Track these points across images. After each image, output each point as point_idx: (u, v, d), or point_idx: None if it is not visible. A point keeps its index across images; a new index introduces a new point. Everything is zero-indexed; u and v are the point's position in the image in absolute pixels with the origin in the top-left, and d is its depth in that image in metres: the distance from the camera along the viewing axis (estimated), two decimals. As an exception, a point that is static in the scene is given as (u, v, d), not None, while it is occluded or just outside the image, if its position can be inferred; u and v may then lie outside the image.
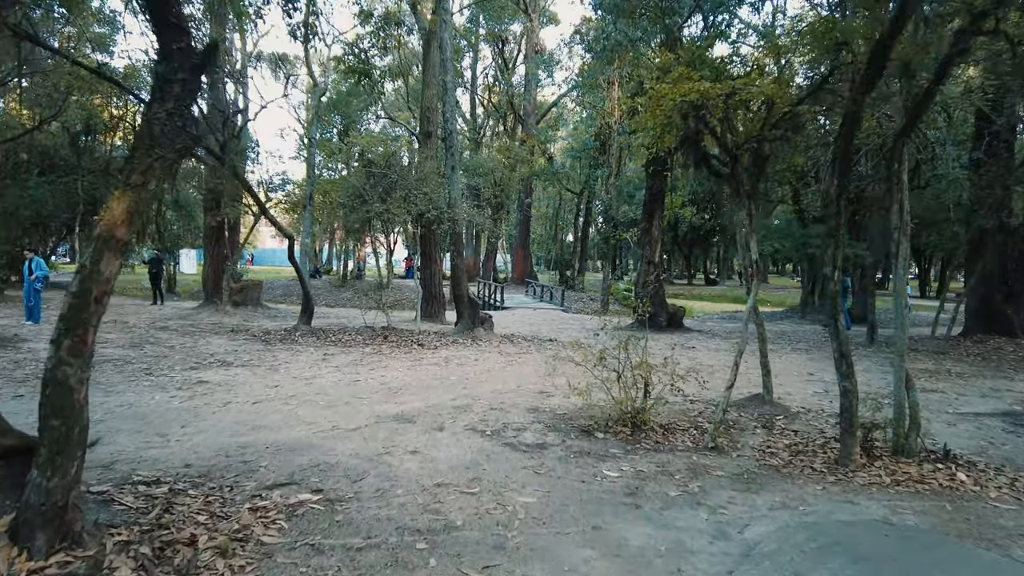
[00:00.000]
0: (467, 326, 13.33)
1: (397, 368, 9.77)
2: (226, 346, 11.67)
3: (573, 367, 7.34)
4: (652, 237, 16.21)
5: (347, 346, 11.97)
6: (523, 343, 13.07)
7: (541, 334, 15.14)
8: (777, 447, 6.02)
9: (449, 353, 11.38)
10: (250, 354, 10.82)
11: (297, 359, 10.41)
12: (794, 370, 11.20)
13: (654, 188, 16.07)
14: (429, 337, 13.00)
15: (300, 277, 13.41)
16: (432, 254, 16.36)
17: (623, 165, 24.92)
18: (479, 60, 40.83)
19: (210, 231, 18.31)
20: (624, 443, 5.95)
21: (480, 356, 11.16)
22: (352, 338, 12.77)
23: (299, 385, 8.31)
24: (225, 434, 5.94)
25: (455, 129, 13.37)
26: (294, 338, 12.78)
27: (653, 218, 16.13)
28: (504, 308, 23.17)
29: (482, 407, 7.24)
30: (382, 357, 10.82)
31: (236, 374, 8.97)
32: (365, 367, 9.79)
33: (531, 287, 30.47)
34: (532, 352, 11.85)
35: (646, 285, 16.43)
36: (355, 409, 7.02)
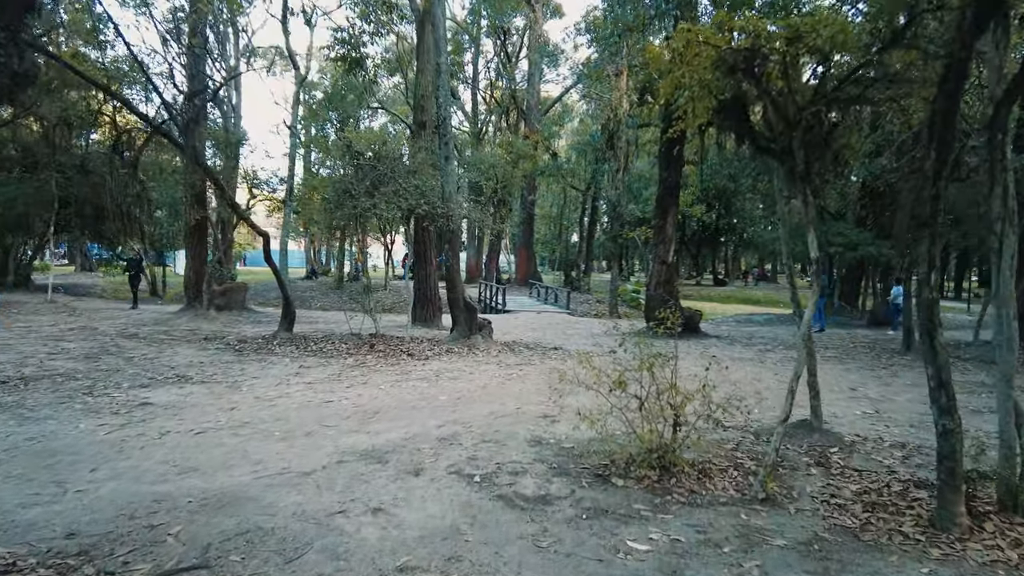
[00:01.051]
0: (463, 333, 12.06)
1: (379, 384, 8.50)
2: (192, 357, 10.43)
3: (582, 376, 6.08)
4: (666, 235, 14.90)
5: (327, 357, 10.71)
6: (525, 352, 11.78)
7: (545, 341, 13.86)
8: (844, 496, 4.73)
9: (441, 365, 10.10)
10: (215, 367, 9.57)
11: (267, 373, 9.15)
12: (832, 383, 9.87)
13: (668, 181, 14.76)
14: (421, 346, 11.74)
15: (278, 279, 12.17)
16: (426, 254, 15.11)
17: (631, 160, 23.63)
18: (481, 55, 39.59)
19: (191, 230, 17.08)
20: (650, 493, 4.66)
21: (476, 369, 9.88)
22: (335, 347, 11.51)
23: (259, 408, 7.05)
24: (144, 480, 4.69)
25: (449, 115, 12.11)
26: (271, 347, 11.53)
27: (667, 214, 14.83)
28: (506, 311, 21.88)
29: (473, 438, 5.96)
30: (364, 370, 9.56)
31: (190, 394, 7.71)
32: (342, 383, 8.52)
33: (535, 288, 29.19)
34: (535, 363, 10.56)
35: (659, 287, 15.12)
36: (316, 442, 5.74)
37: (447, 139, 11.83)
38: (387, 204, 11.61)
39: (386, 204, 11.58)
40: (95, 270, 36.39)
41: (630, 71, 20.45)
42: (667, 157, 14.86)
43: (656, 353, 5.45)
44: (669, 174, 14.78)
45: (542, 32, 31.72)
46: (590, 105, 26.70)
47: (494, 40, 34.78)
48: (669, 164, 14.82)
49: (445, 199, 11.68)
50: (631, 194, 24.35)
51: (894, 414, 7.68)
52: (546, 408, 7.19)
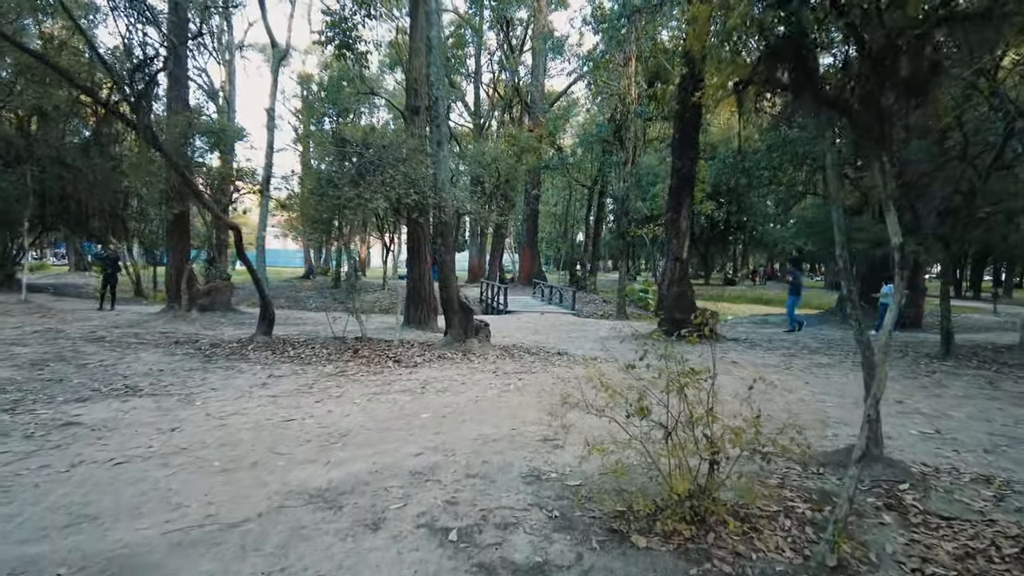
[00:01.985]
0: (458, 336, 10.91)
1: (354, 398, 7.36)
2: (154, 364, 9.32)
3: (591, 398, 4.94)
4: (679, 229, 13.72)
5: (304, 364, 9.58)
6: (526, 358, 10.63)
7: (549, 345, 12.70)
8: (940, 560, 3.56)
9: (429, 374, 8.96)
10: (174, 376, 8.46)
11: (229, 384, 8.03)
12: (874, 396, 8.67)
13: (682, 171, 13.58)
14: (410, 351, 10.60)
15: (254, 278, 11.05)
16: (420, 250, 13.98)
17: (639, 154, 22.44)
18: (483, 50, 38.44)
19: (171, 224, 15.99)
20: (683, 558, 3.50)
21: (468, 378, 8.72)
22: (314, 353, 10.38)
23: (205, 429, 5.92)
24: (13, 537, 3.57)
25: (443, 96, 10.96)
26: (243, 352, 10.41)
27: (681, 207, 13.64)
28: (508, 312, 20.73)
29: (455, 471, 4.82)
30: (341, 380, 8.42)
31: (132, 409, 6.59)
32: (312, 397, 7.39)
33: (539, 288, 28.01)
34: (536, 371, 9.40)
35: (672, 285, 13.94)
36: (260, 477, 4.62)
37: (439, 122, 10.69)
38: (372, 194, 10.49)
39: (371, 194, 10.46)
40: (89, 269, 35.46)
41: (639, 58, 19.27)
42: (681, 144, 13.68)
43: (688, 370, 4.26)
44: (683, 163, 13.59)
45: (547, 23, 30.54)
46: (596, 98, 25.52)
47: (497, 32, 33.66)
48: (683, 152, 13.64)
49: (437, 188, 10.55)
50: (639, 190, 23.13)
51: (959, 435, 6.48)
52: (548, 429, 6.04)
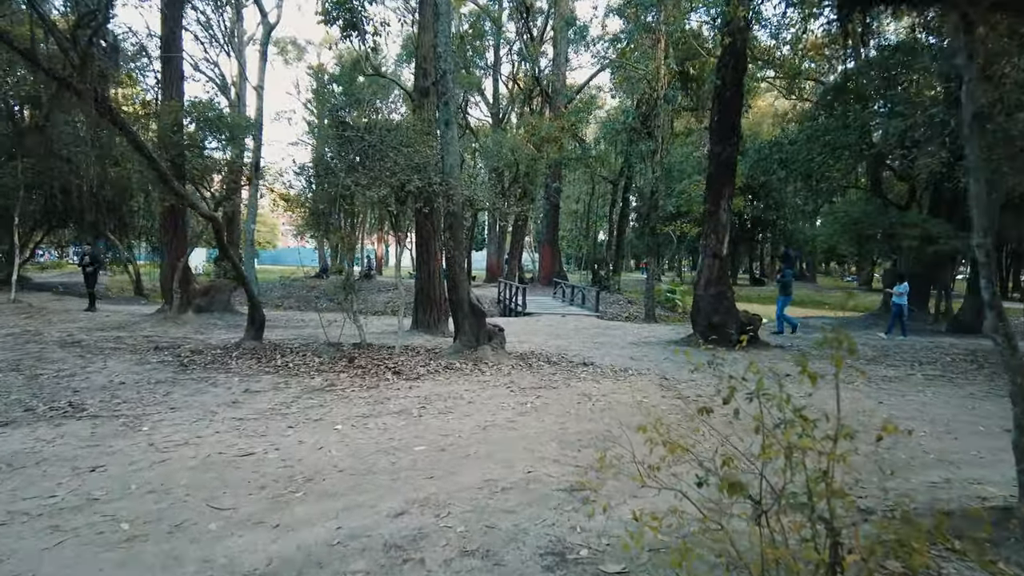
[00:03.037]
0: (468, 343, 9.57)
1: (337, 422, 6.04)
2: (118, 375, 8.11)
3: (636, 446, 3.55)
4: (719, 223, 12.23)
5: (289, 374, 8.30)
6: (545, 369, 9.24)
7: (571, 352, 11.30)
8: None
9: (432, 389, 7.62)
10: (134, 391, 7.23)
11: (194, 402, 6.76)
12: (966, 418, 7.18)
13: (722, 157, 12.08)
14: (413, 360, 9.27)
15: (239, 275, 9.81)
16: (429, 246, 12.67)
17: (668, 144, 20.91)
18: (502, 40, 37.04)
19: (163, 218, 14.87)
20: None
21: (477, 395, 7.37)
22: (304, 361, 9.11)
23: (137, 468, 4.65)
24: None
25: (451, 70, 9.61)
26: (226, 360, 9.17)
27: (720, 198, 12.15)
28: (526, 314, 19.33)
29: (447, 546, 3.46)
30: (329, 397, 7.11)
31: (58, 438, 5.35)
32: (286, 420, 6.08)
33: (559, 288, 26.56)
34: (558, 386, 8.02)
35: (710, 286, 12.47)
36: (175, 552, 3.32)
37: (448, 98, 9.35)
38: (372, 181, 9.19)
39: (369, 181, 9.16)
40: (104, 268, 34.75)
41: (669, 39, 17.79)
42: (720, 127, 12.20)
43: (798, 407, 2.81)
44: (723, 148, 12.10)
45: (570, 8, 29.07)
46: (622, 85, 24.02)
47: (517, 19, 32.26)
48: (723, 136, 12.15)
49: (445, 174, 9.22)
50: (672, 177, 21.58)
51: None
52: (574, 471, 4.67)
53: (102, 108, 6.81)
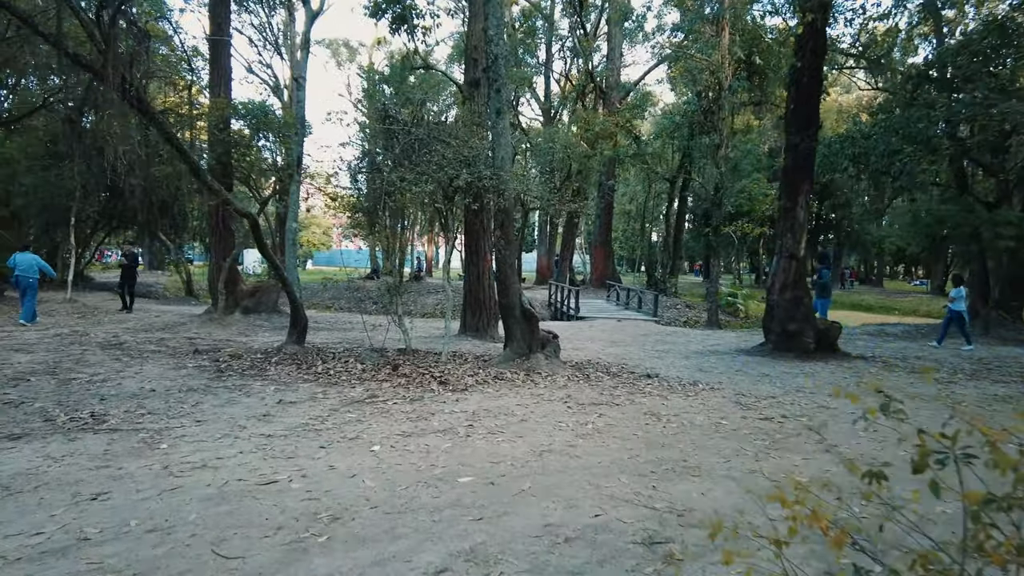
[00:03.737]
0: (519, 351, 8.81)
1: (375, 441, 5.37)
2: (152, 380, 7.69)
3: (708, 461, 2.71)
4: (795, 221, 11.14)
5: (329, 383, 7.71)
6: (605, 381, 8.40)
7: (631, 361, 10.42)
8: None
9: (481, 403, 6.88)
10: (165, 399, 6.75)
11: (222, 414, 6.21)
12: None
13: (800, 148, 10.98)
14: (461, 368, 8.57)
15: (280, 277, 9.29)
16: (479, 245, 11.99)
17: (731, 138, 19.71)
18: (554, 37, 36.23)
19: (211, 218, 14.66)
20: None
21: (531, 411, 6.59)
22: (346, 368, 8.52)
23: (144, 496, 4.06)
24: None
25: (503, 54, 8.87)
26: (265, 366, 8.68)
27: (797, 193, 11.06)
28: (579, 318, 18.45)
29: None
30: (368, 410, 6.46)
31: (69, 455, 4.84)
32: (319, 438, 5.44)
33: (613, 291, 25.54)
34: (621, 402, 7.17)
35: (785, 290, 11.38)
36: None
37: (499, 85, 8.62)
38: (418, 176, 8.55)
39: (415, 176, 8.52)
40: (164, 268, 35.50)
41: (733, 26, 16.66)
42: (797, 116, 11.11)
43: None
44: (801, 139, 11.00)
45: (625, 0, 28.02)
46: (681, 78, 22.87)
47: (570, 14, 31.40)
48: (800, 125, 11.05)
49: (496, 167, 8.49)
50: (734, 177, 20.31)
51: None
52: (651, 514, 3.85)
53: (128, 95, 6.36)
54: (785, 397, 7.86)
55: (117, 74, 5.89)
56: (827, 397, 7.94)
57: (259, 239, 8.46)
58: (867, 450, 5.52)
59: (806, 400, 7.72)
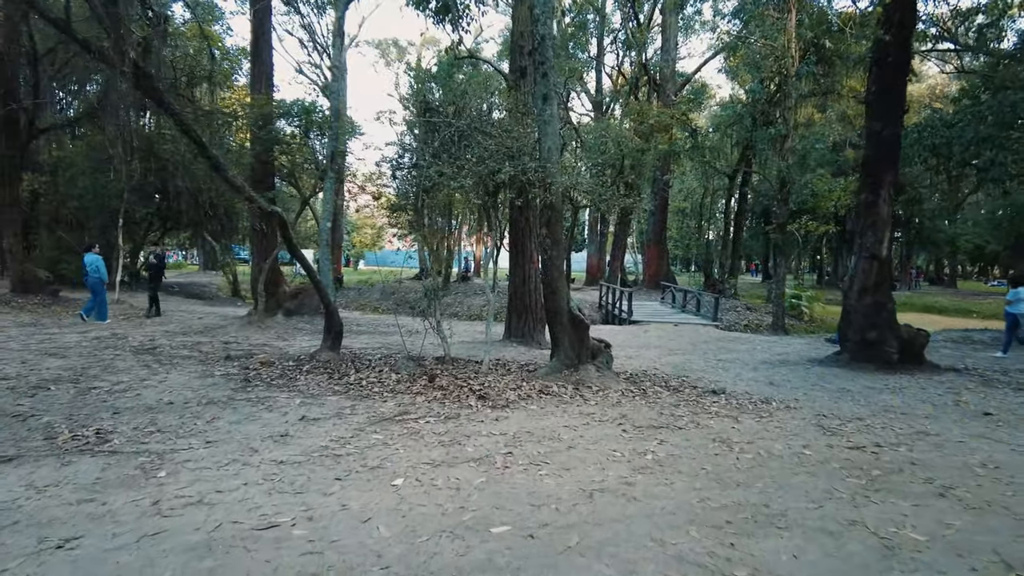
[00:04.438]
0: (567, 361, 7.99)
1: (399, 472, 4.65)
2: (175, 390, 7.22)
3: None
4: (878, 216, 9.97)
5: (359, 396, 7.07)
6: (664, 397, 7.50)
7: (693, 372, 9.46)
8: None
9: (522, 424, 6.10)
10: (181, 413, 6.22)
11: (237, 433, 5.61)
12: None
13: (883, 134, 9.78)
14: (503, 380, 7.80)
15: (312, 279, 8.73)
16: (524, 245, 11.22)
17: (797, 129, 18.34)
18: (606, 31, 35.16)
19: (253, 218, 14.34)
20: None
21: (580, 435, 5.77)
22: (379, 378, 7.87)
23: (117, 545, 3.43)
24: None
25: (550, 35, 8.06)
26: (294, 375, 8.12)
27: (880, 185, 9.88)
28: (632, 322, 17.45)
29: None
30: (397, 430, 5.77)
31: (55, 484, 4.29)
32: (337, 466, 4.77)
33: (668, 293, 24.35)
34: (684, 424, 6.28)
35: (866, 294, 10.22)
36: None
37: (546, 68, 7.81)
38: (457, 171, 7.84)
39: (455, 171, 7.81)
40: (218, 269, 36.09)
41: (800, 5, 15.40)
42: (881, 99, 9.91)
43: None
44: (884, 125, 9.81)
45: (679, -10, 26.74)
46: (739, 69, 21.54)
47: (623, 7, 30.31)
48: (884, 109, 9.86)
49: (542, 159, 7.70)
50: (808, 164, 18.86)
51: None
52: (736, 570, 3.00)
53: (141, 81, 5.86)
54: (874, 419, 6.81)
55: (126, 59, 5.41)
56: (924, 420, 6.86)
57: (288, 238, 7.89)
58: (994, 494, 4.50)
59: (900, 424, 6.65)
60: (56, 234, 20.92)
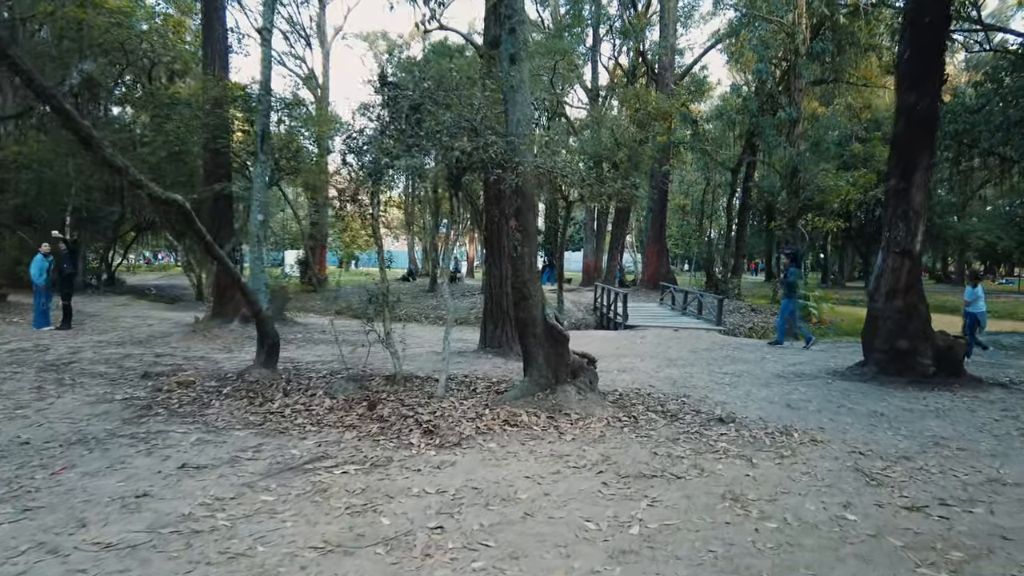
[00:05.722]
0: (541, 382, 6.53)
1: (279, 556, 3.19)
2: (52, 422, 5.79)
3: None
4: (910, 207, 8.51)
5: (275, 430, 5.62)
6: (659, 428, 6.02)
7: (695, 390, 7.99)
8: None
9: (471, 472, 4.63)
10: (33, 455, 4.83)
11: (84, 490, 4.16)
12: None
13: (918, 108, 8.30)
14: (462, 406, 6.33)
15: (234, 280, 7.24)
16: (501, 241, 9.75)
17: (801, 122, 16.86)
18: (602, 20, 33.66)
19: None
20: None
21: (545, 494, 4.29)
22: (310, 404, 6.41)
23: None
24: None
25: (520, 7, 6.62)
26: (210, 399, 6.68)
27: (914, 168, 8.41)
28: (628, 326, 15.97)
29: None
30: (301, 484, 4.31)
31: None
32: (194, 547, 3.31)
33: (668, 293, 22.86)
34: (684, 471, 4.80)
35: (896, 296, 8.76)
36: None
37: (514, 23, 6.34)
38: (405, 149, 6.39)
39: (402, 149, 6.36)
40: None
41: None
42: (915, 68, 8.45)
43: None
44: (919, 98, 8.34)
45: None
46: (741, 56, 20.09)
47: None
48: (918, 80, 8.40)
49: (509, 133, 6.25)
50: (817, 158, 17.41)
51: None
52: None
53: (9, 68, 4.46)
54: (926, 459, 5.33)
55: None
56: (990, 459, 5.37)
57: (197, 231, 6.41)
58: None
59: (960, 465, 5.18)
60: (17, 234, 19.56)
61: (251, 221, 8.52)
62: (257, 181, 8.10)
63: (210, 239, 6.65)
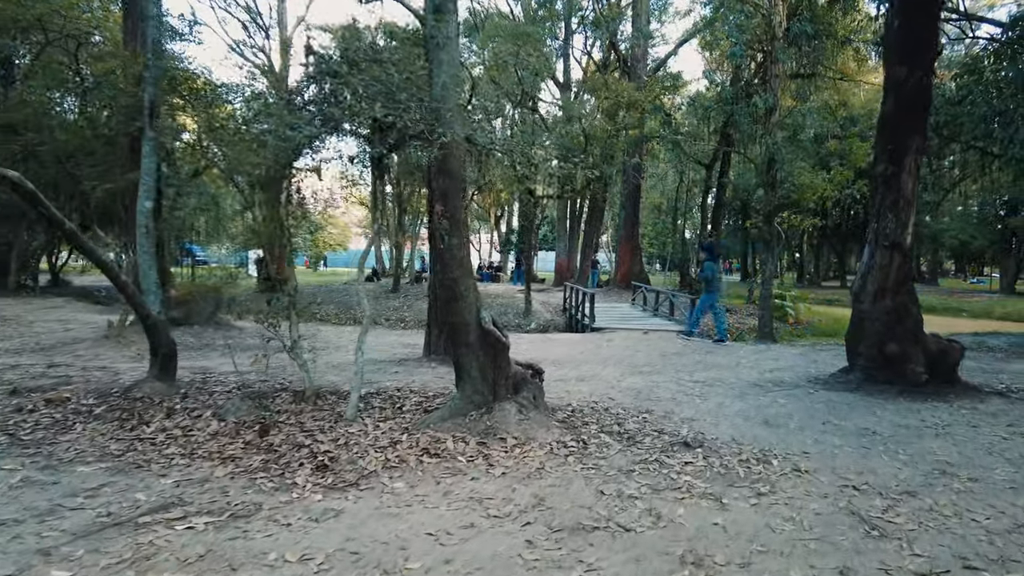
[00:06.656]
0: (476, 399, 5.45)
1: None
2: None
3: None
4: (900, 195, 7.59)
5: (131, 464, 4.48)
6: (611, 453, 4.98)
7: (658, 404, 6.95)
8: None
9: (360, 526, 3.54)
10: None
11: None
12: None
13: (909, 84, 7.37)
14: (376, 431, 5.22)
15: (114, 280, 6.07)
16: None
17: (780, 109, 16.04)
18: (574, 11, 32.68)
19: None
20: None
21: (445, 560, 3.22)
22: (189, 429, 5.26)
23: None
24: None
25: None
26: (80, 420, 5.50)
27: (904, 152, 7.50)
28: (594, 329, 14.94)
29: None
30: (122, 545, 3.17)
31: None
32: None
33: (639, 294, 21.93)
34: (636, 517, 3.75)
35: (885, 295, 7.85)
36: None
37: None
38: (307, 120, 5.29)
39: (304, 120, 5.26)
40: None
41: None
42: (905, 39, 7.53)
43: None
44: (909, 70, 7.42)
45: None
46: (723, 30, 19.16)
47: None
48: (908, 53, 7.47)
49: (432, 98, 5.18)
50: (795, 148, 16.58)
51: None
52: None
53: None
54: (934, 495, 4.35)
55: None
56: (1009, 492, 4.41)
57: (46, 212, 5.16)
58: None
59: (976, 502, 4.21)
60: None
61: (139, 210, 7.32)
62: (145, 161, 6.94)
63: (71, 226, 5.43)
